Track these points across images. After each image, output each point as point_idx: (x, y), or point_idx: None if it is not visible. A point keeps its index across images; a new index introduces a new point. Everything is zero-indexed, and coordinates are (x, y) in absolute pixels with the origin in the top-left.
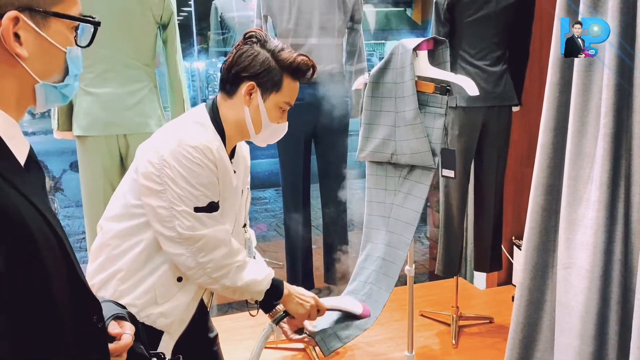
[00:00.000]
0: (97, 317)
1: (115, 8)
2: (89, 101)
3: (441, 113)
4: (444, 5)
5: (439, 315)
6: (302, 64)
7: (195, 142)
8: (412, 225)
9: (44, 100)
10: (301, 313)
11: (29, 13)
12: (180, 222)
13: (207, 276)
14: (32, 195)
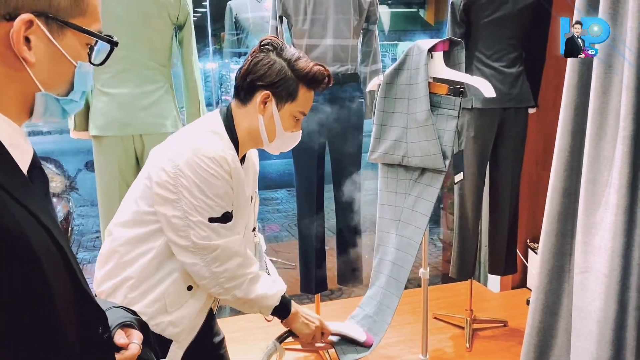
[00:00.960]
0: (102, 328)
1: (133, 9)
2: (105, 101)
3: (454, 115)
4: (460, 6)
5: (453, 318)
6: (318, 74)
7: (211, 152)
8: (420, 229)
9: (43, 111)
10: (306, 333)
11: (45, 19)
12: (196, 232)
13: (219, 286)
14: (35, 207)
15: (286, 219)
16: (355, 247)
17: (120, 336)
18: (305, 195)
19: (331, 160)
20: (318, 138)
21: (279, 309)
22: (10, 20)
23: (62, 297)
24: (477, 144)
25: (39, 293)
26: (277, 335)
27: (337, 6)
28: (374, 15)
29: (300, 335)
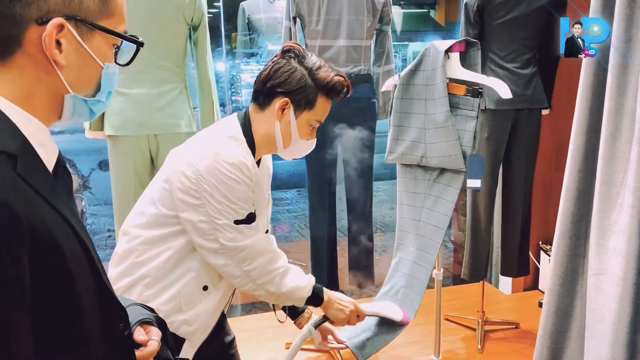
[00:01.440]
0: (123, 325)
1: (149, 10)
2: (121, 101)
3: (472, 116)
4: (473, 7)
5: (464, 319)
6: (338, 84)
7: (231, 158)
8: (441, 229)
9: (71, 112)
10: (341, 318)
11: (75, 23)
12: (223, 234)
13: (252, 283)
14: (61, 205)
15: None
16: (366, 248)
17: (140, 333)
18: (317, 196)
19: (343, 161)
20: (330, 139)
21: (312, 298)
22: (42, 25)
23: (86, 294)
24: (490, 145)
25: (65, 289)
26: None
27: (350, 7)
28: (388, 16)
29: (336, 321)
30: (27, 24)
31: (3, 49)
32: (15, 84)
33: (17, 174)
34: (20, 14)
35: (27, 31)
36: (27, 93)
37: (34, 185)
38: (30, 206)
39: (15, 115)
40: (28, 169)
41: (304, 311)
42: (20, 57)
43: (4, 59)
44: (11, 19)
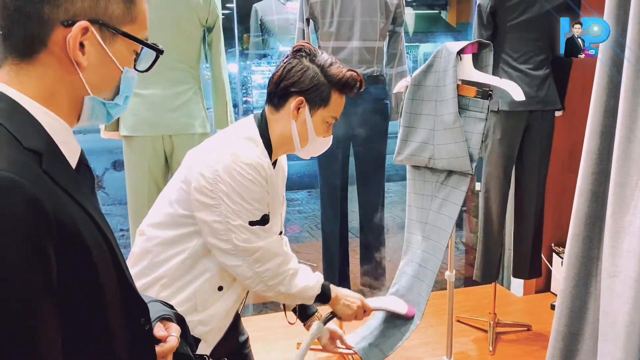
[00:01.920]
0: (144, 320)
1: (164, 12)
2: (136, 102)
3: (481, 118)
4: (486, 8)
5: (476, 321)
6: (350, 79)
7: (249, 159)
8: (447, 232)
9: (89, 114)
10: (348, 314)
11: (99, 27)
12: (237, 235)
13: (263, 284)
14: (84, 201)
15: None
16: (378, 249)
17: (160, 329)
18: (329, 197)
19: (355, 162)
20: (343, 139)
21: (320, 296)
22: (68, 27)
23: (109, 288)
24: (503, 147)
25: (90, 283)
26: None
27: (363, 9)
28: (401, 17)
29: (343, 316)
30: (54, 25)
31: (29, 48)
32: (39, 83)
33: (42, 170)
34: (48, 15)
35: (53, 32)
36: (50, 92)
37: (58, 182)
38: (56, 201)
39: (39, 114)
40: (53, 166)
41: (314, 314)
42: (45, 57)
43: (30, 57)
44: (39, 19)
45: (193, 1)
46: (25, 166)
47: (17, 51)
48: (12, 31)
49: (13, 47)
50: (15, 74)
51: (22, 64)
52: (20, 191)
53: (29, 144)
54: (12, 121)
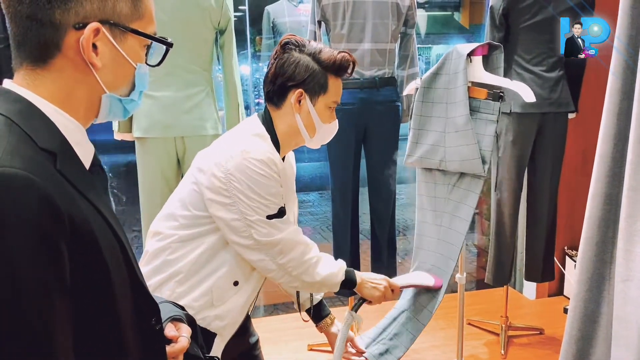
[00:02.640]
0: (155, 320)
1: (177, 15)
2: (149, 104)
3: (493, 120)
4: (499, 10)
5: (488, 324)
6: (343, 61)
7: (260, 155)
8: (462, 234)
9: (107, 111)
10: (377, 296)
11: (109, 27)
12: (257, 230)
13: (288, 275)
14: (97, 201)
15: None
16: (389, 251)
17: (171, 329)
18: (341, 198)
19: (367, 164)
20: (354, 141)
21: (345, 282)
22: (80, 29)
23: (121, 287)
24: (515, 149)
25: (101, 281)
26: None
27: (375, 11)
28: (412, 19)
29: (373, 299)
30: (66, 29)
31: (45, 54)
32: (55, 86)
33: (57, 170)
34: (60, 19)
35: (66, 36)
36: (66, 94)
37: (72, 181)
38: (70, 201)
39: (54, 115)
40: (67, 166)
41: (327, 316)
42: (60, 61)
43: (45, 62)
44: (51, 24)
45: (205, 4)
46: (40, 165)
47: (32, 57)
48: (25, 38)
49: (28, 54)
50: (32, 78)
51: (37, 69)
52: (34, 189)
53: (44, 144)
54: (27, 122)
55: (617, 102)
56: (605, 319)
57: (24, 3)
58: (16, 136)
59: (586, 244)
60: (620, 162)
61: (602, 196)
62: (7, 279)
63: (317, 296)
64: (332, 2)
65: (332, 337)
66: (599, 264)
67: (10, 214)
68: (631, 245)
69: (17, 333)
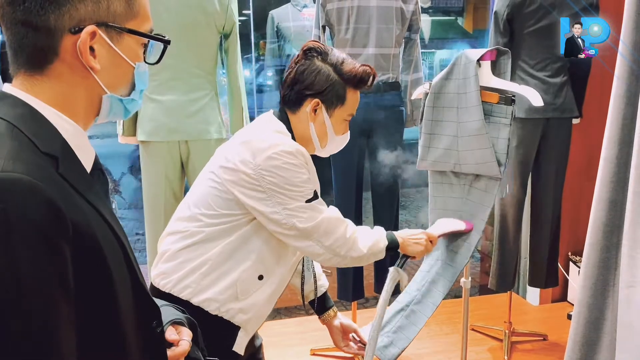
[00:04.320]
0: (156, 323)
1: (182, 19)
2: (153, 108)
3: (506, 123)
4: (503, 16)
5: (491, 330)
6: (364, 74)
7: (287, 147)
8: (479, 234)
9: (108, 111)
10: (420, 251)
11: (105, 28)
12: (298, 218)
13: (336, 256)
14: (99, 204)
15: None
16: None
17: (172, 332)
18: (344, 202)
19: (370, 168)
20: (358, 145)
21: (389, 246)
22: (76, 33)
23: (123, 290)
24: (519, 154)
25: (103, 284)
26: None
27: (379, 16)
28: (416, 24)
29: (417, 255)
30: (62, 33)
31: (42, 60)
32: (54, 90)
33: (59, 174)
34: (55, 25)
35: (62, 41)
36: (66, 98)
37: (74, 185)
38: (72, 204)
39: (55, 119)
40: (68, 170)
41: (330, 308)
42: (58, 66)
43: (43, 68)
44: (47, 30)
45: (210, 8)
46: (43, 170)
47: (29, 64)
48: (22, 45)
49: (25, 61)
50: (31, 84)
51: (35, 75)
52: (38, 194)
53: (45, 149)
54: (29, 126)
55: (622, 106)
56: (610, 325)
57: (17, 10)
58: (19, 141)
59: (590, 250)
60: (624, 166)
61: (606, 201)
62: (13, 282)
63: (321, 288)
64: (336, 7)
65: (334, 329)
66: (603, 270)
67: (15, 219)
68: (635, 251)
69: (22, 335)
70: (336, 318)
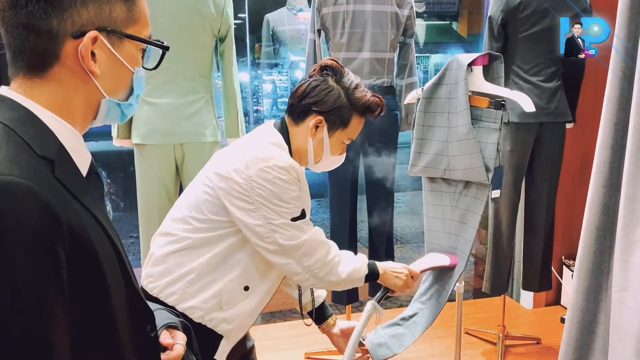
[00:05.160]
0: (150, 327)
1: (177, 22)
2: (148, 111)
3: (495, 128)
4: (497, 20)
5: (485, 333)
6: (374, 104)
7: (281, 162)
8: (470, 241)
9: (105, 115)
10: (400, 285)
11: (106, 33)
12: (281, 234)
13: (314, 277)
14: (94, 208)
15: None
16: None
17: (166, 336)
18: (339, 207)
19: (365, 172)
20: (353, 149)
21: (369, 275)
22: (78, 38)
23: (117, 295)
24: (513, 158)
25: (98, 288)
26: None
27: (374, 20)
28: (411, 29)
29: (396, 289)
30: (64, 38)
31: (43, 63)
32: (53, 94)
33: (55, 177)
34: (57, 29)
35: (64, 45)
36: (64, 102)
37: (70, 189)
38: (68, 208)
39: (52, 123)
40: (65, 173)
41: (329, 317)
42: (58, 70)
43: (43, 72)
44: (49, 34)
45: (206, 11)
46: (39, 173)
47: (29, 67)
48: (22, 48)
49: (25, 64)
50: (29, 87)
51: (35, 79)
52: (34, 197)
53: (42, 152)
54: (26, 130)
55: (614, 111)
56: (603, 328)
57: (20, 13)
58: (15, 144)
59: (584, 254)
60: (617, 171)
61: (599, 206)
62: (8, 285)
63: (319, 298)
64: (331, 11)
65: (334, 338)
66: (597, 274)
67: (11, 222)
68: (628, 255)
69: (16, 337)
70: (335, 326)
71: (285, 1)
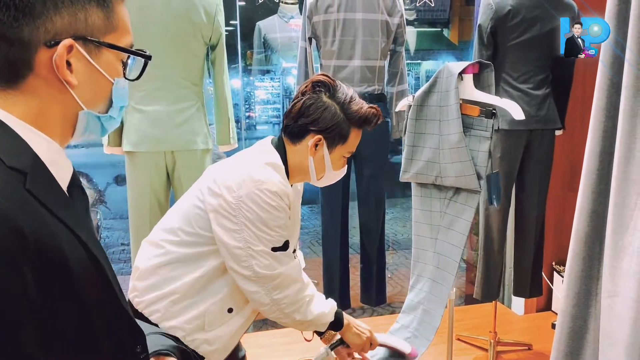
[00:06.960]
0: (140, 347)
1: (168, 29)
2: (139, 118)
3: (486, 136)
4: (487, 28)
5: (476, 339)
6: (370, 115)
7: (274, 187)
8: (459, 248)
9: (83, 128)
10: (357, 343)
11: (83, 42)
12: (258, 261)
13: (280, 312)
14: (75, 224)
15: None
16: (378, 266)
17: None
18: (331, 213)
19: (356, 179)
20: None
21: (334, 323)
22: (52, 47)
23: (99, 312)
24: (503, 165)
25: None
26: (330, 344)
27: (365, 28)
28: (402, 37)
29: (352, 345)
30: (37, 47)
31: (16, 74)
32: (28, 106)
33: (26, 189)
34: (29, 38)
35: (37, 54)
36: (40, 113)
37: (43, 201)
38: (38, 222)
39: (27, 134)
40: (38, 185)
41: None
42: (33, 80)
43: (16, 83)
44: (21, 43)
45: (197, 19)
46: (6, 184)
47: (1, 78)
48: None
49: None
50: (3, 99)
51: (8, 90)
52: None
53: (12, 163)
54: None
55: (602, 119)
56: (593, 334)
57: None
58: None
59: (573, 260)
60: (606, 178)
61: (588, 212)
62: None
63: None
64: (322, 20)
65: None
66: (586, 280)
67: None
68: (617, 261)
69: None
70: (337, 335)
71: (276, 9)
